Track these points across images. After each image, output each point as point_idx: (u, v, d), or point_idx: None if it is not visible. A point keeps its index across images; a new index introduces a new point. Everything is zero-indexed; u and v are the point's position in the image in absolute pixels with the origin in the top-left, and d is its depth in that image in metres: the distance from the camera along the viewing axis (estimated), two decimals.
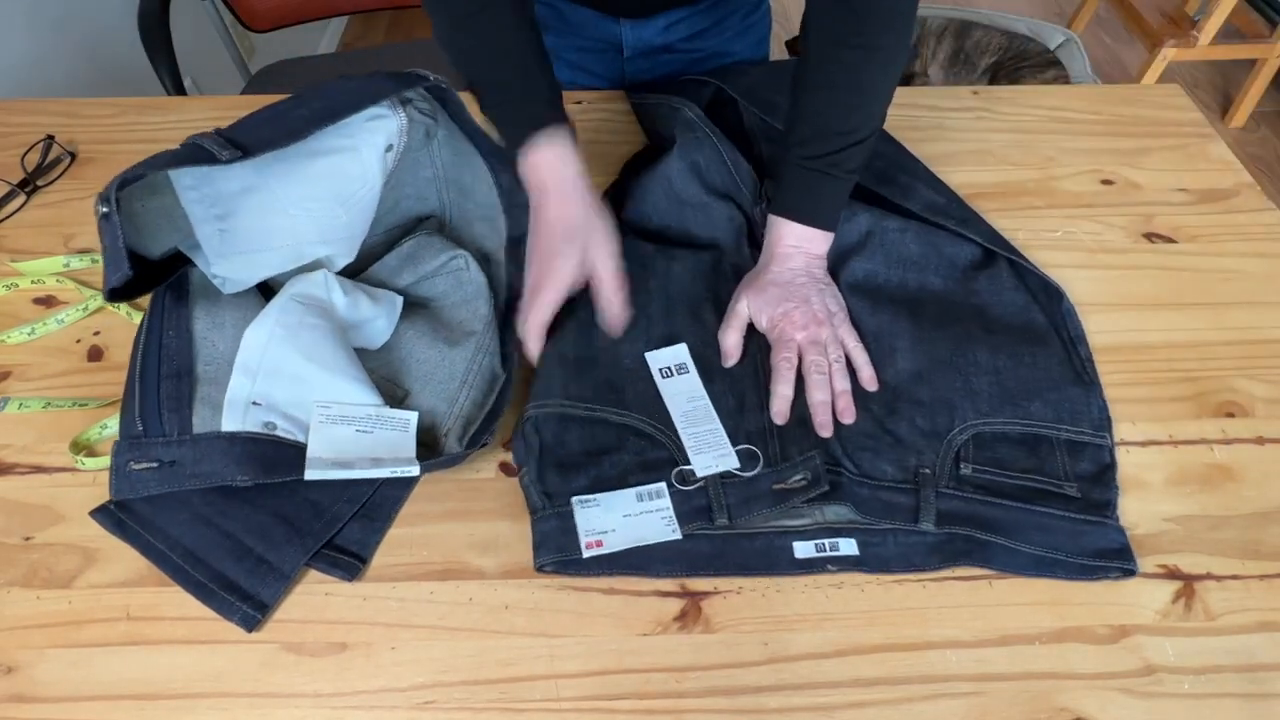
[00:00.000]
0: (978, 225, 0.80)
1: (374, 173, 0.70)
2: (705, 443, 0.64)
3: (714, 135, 0.83)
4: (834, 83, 0.70)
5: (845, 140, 0.70)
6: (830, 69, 0.70)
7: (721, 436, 0.65)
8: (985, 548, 0.60)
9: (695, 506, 0.62)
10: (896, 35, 0.69)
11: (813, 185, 0.72)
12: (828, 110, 0.71)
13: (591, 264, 0.68)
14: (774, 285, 0.72)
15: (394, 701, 0.54)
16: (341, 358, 0.65)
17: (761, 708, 0.54)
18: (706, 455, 0.63)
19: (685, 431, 0.65)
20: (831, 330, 0.70)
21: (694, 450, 0.64)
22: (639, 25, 0.95)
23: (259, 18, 1.53)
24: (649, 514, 0.61)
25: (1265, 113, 2.42)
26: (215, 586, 0.58)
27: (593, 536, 0.60)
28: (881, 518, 0.61)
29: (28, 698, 0.54)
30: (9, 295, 0.78)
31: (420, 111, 0.73)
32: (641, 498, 0.62)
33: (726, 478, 0.63)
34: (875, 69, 0.70)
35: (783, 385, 0.68)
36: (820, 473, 0.62)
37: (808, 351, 0.69)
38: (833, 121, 0.71)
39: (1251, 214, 0.86)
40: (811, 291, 0.71)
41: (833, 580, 0.60)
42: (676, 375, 0.68)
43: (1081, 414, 0.67)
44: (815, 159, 0.71)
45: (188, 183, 0.66)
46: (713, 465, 0.63)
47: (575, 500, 0.61)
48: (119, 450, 0.62)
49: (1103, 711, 0.54)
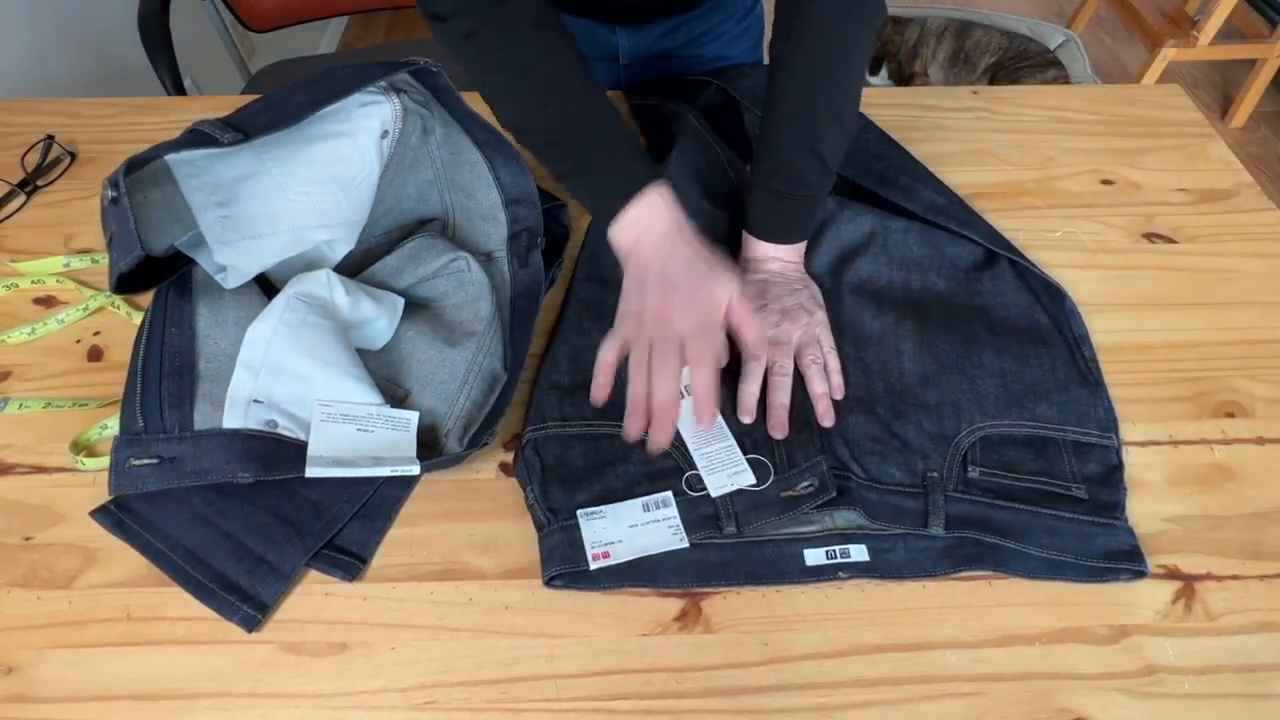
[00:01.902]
0: (979, 226, 0.80)
1: (371, 157, 0.71)
2: (719, 461, 0.63)
3: (715, 141, 0.83)
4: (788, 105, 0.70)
5: (806, 162, 0.70)
6: (783, 93, 0.70)
7: (735, 453, 0.64)
8: (996, 551, 0.60)
9: (703, 515, 0.62)
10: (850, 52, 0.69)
11: (775, 207, 0.73)
12: (783, 133, 0.71)
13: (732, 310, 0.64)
14: (749, 284, 0.72)
15: (394, 701, 0.54)
16: (343, 357, 0.65)
17: (761, 708, 0.54)
18: (720, 474, 0.63)
19: (698, 453, 0.64)
20: (807, 329, 0.69)
21: (707, 471, 0.63)
22: (635, 34, 0.95)
23: (259, 18, 1.53)
24: (656, 524, 0.61)
25: (1265, 113, 2.42)
26: (215, 586, 0.58)
27: (600, 548, 0.59)
28: (890, 522, 0.61)
29: (28, 698, 0.54)
30: (9, 295, 0.78)
31: (415, 102, 0.74)
32: (648, 508, 0.62)
33: None
34: (825, 92, 0.69)
35: (750, 384, 0.67)
36: (828, 479, 0.62)
37: (774, 352, 0.68)
38: (789, 143, 0.71)
39: (1251, 214, 0.86)
40: (785, 291, 0.72)
41: (833, 580, 0.60)
42: (684, 395, 0.66)
43: (1088, 415, 0.67)
44: (777, 180, 0.71)
45: (188, 171, 0.67)
46: (727, 485, 0.62)
47: (580, 513, 0.61)
48: (119, 446, 0.62)
49: (1103, 711, 0.54)
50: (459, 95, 0.71)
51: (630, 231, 0.65)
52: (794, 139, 0.71)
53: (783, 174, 0.71)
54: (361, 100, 0.70)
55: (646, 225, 0.64)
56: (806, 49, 0.68)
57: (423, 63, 0.68)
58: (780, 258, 0.74)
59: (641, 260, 0.64)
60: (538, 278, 0.74)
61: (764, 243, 0.74)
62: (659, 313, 0.62)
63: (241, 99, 0.95)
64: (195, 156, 0.67)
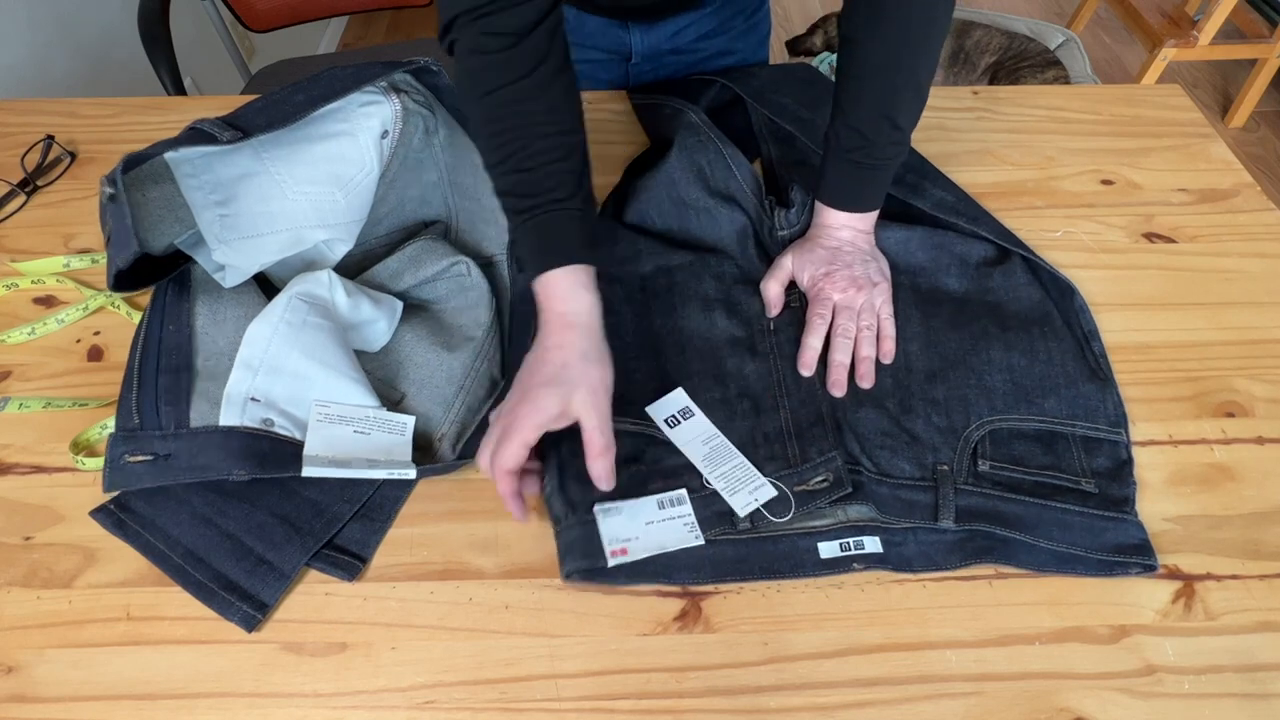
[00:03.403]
0: (989, 223, 0.81)
1: (371, 157, 0.70)
2: (737, 480, 0.63)
3: (717, 138, 0.83)
4: (866, 76, 0.71)
5: (883, 132, 0.71)
6: (862, 64, 0.70)
7: (749, 470, 0.63)
8: (1006, 545, 0.60)
9: (717, 511, 0.62)
10: (931, 24, 0.69)
11: (852, 174, 0.74)
12: (861, 103, 0.72)
13: (576, 416, 0.60)
14: (821, 249, 0.74)
15: (394, 701, 0.54)
16: (342, 358, 0.65)
17: (761, 708, 0.54)
18: (742, 494, 0.62)
19: (712, 475, 0.63)
20: (869, 299, 0.72)
21: (728, 492, 0.62)
22: (648, 31, 0.96)
23: (259, 18, 1.53)
24: (671, 520, 0.61)
25: (1265, 113, 2.42)
26: (215, 586, 0.58)
27: (617, 544, 0.60)
28: (901, 516, 0.61)
29: (28, 698, 0.54)
30: (9, 295, 0.78)
31: (416, 102, 0.73)
32: (663, 505, 0.62)
33: None
34: (905, 62, 0.70)
35: (813, 337, 0.71)
36: (843, 474, 0.62)
37: (839, 314, 0.71)
38: (868, 114, 0.71)
39: (1251, 214, 0.86)
40: (856, 260, 0.74)
41: (833, 580, 0.60)
42: (684, 421, 0.66)
43: (1097, 410, 0.67)
44: (853, 150, 0.72)
45: (188, 170, 0.67)
46: (752, 502, 0.62)
47: (598, 509, 0.61)
48: (114, 442, 0.62)
49: (1103, 711, 0.54)
50: None
51: (547, 301, 0.63)
52: (872, 110, 0.71)
53: (859, 144, 0.72)
54: (361, 100, 0.70)
55: (562, 296, 0.63)
56: (888, 20, 0.68)
57: (423, 62, 0.68)
58: (853, 226, 0.75)
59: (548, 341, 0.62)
60: None
61: (837, 211, 0.75)
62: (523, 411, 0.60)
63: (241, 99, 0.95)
64: (194, 155, 0.67)
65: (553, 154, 0.63)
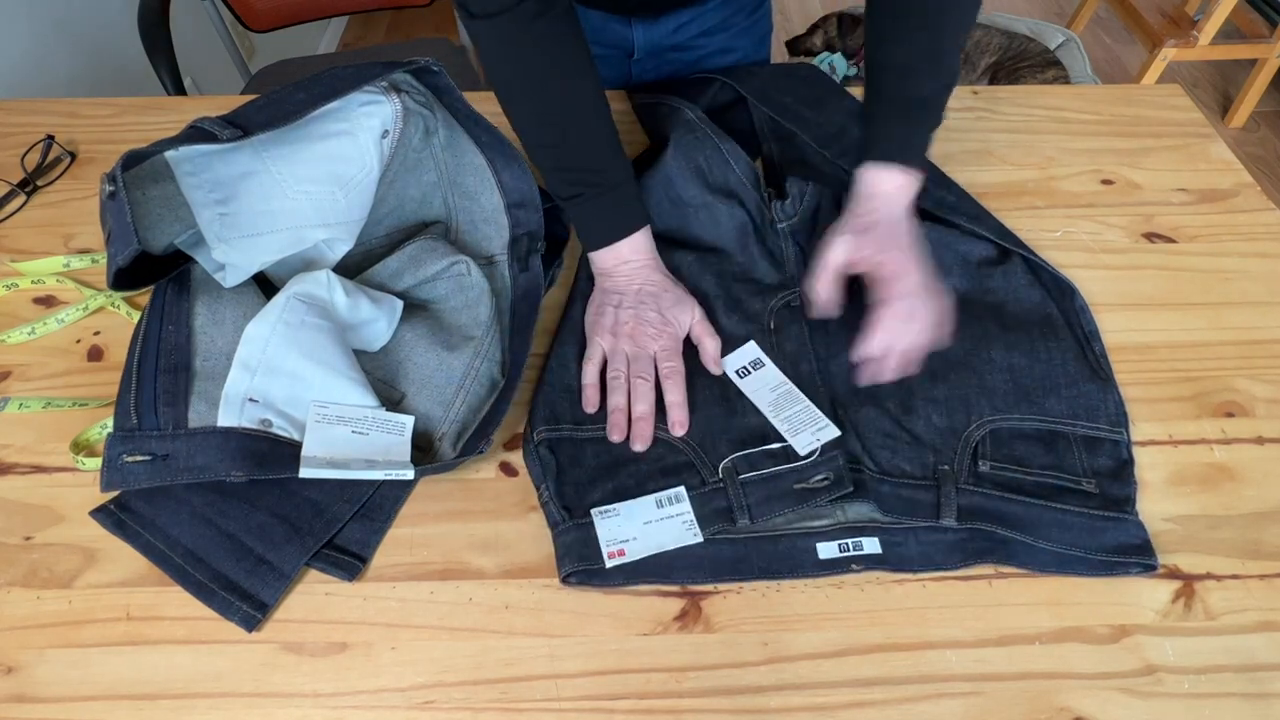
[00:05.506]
0: (989, 222, 0.80)
1: (371, 157, 0.70)
2: (800, 422, 0.65)
3: (714, 133, 0.83)
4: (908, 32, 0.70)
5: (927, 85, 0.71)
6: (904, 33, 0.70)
7: (814, 412, 0.66)
8: (1006, 545, 0.60)
9: (716, 508, 0.62)
10: None
11: (902, 126, 0.72)
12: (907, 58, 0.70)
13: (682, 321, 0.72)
14: (882, 225, 0.70)
15: (394, 701, 0.54)
16: (341, 359, 0.65)
17: (761, 708, 0.54)
18: (805, 434, 0.64)
19: (776, 419, 0.66)
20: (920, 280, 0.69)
21: (790, 433, 0.65)
22: (650, 26, 0.96)
23: (259, 18, 1.53)
24: (669, 519, 0.61)
25: (1265, 113, 2.42)
26: (215, 586, 0.58)
27: (615, 546, 0.60)
28: (903, 515, 0.61)
29: (28, 698, 0.54)
30: (9, 295, 0.78)
31: (416, 102, 0.73)
32: (661, 504, 0.62)
33: (746, 478, 0.63)
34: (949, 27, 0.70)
35: None
36: (844, 473, 0.62)
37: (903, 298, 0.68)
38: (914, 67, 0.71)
39: (1251, 214, 0.86)
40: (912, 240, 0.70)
41: (833, 580, 0.60)
42: (754, 371, 0.69)
43: (1098, 410, 0.67)
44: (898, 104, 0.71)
45: (188, 169, 0.67)
46: (813, 441, 0.64)
47: (595, 511, 0.61)
48: (112, 442, 0.62)
49: (1103, 711, 0.54)
50: (461, 95, 0.70)
51: (611, 258, 0.73)
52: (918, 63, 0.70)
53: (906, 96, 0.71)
54: (362, 99, 0.70)
55: (627, 257, 0.73)
56: None
57: (423, 62, 0.68)
58: (900, 186, 0.71)
59: (620, 282, 0.73)
60: (537, 281, 0.74)
61: (881, 174, 0.71)
62: (634, 332, 0.70)
63: (241, 99, 0.95)
64: (194, 154, 0.67)
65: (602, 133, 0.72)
